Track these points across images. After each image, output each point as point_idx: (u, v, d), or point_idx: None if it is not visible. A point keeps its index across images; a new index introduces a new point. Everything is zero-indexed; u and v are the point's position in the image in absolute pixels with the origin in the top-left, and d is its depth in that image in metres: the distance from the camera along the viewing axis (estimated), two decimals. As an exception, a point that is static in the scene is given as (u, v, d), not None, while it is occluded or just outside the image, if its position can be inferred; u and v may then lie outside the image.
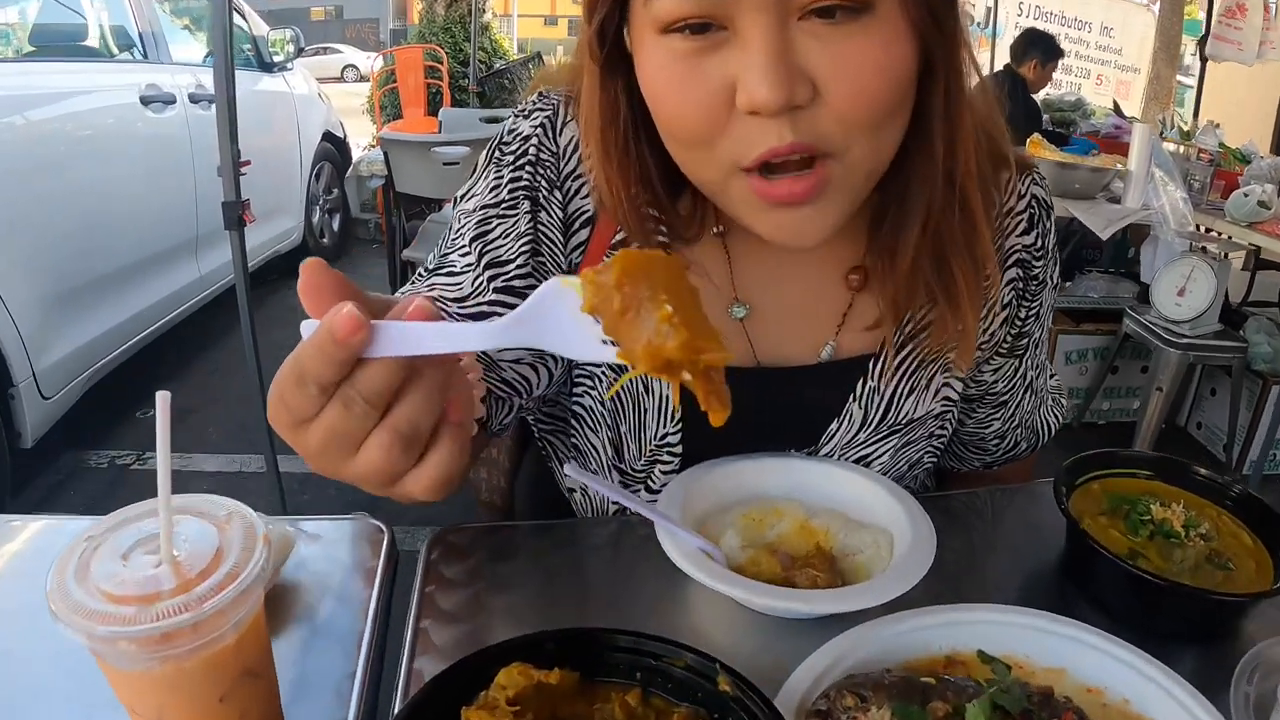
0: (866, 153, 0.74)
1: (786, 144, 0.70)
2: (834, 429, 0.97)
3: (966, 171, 0.81)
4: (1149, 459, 1.01)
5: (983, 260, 0.87)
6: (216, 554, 0.54)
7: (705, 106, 0.71)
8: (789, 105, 0.67)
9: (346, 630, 0.78)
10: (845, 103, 0.69)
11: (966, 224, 0.85)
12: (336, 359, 0.49)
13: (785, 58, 0.67)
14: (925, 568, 0.76)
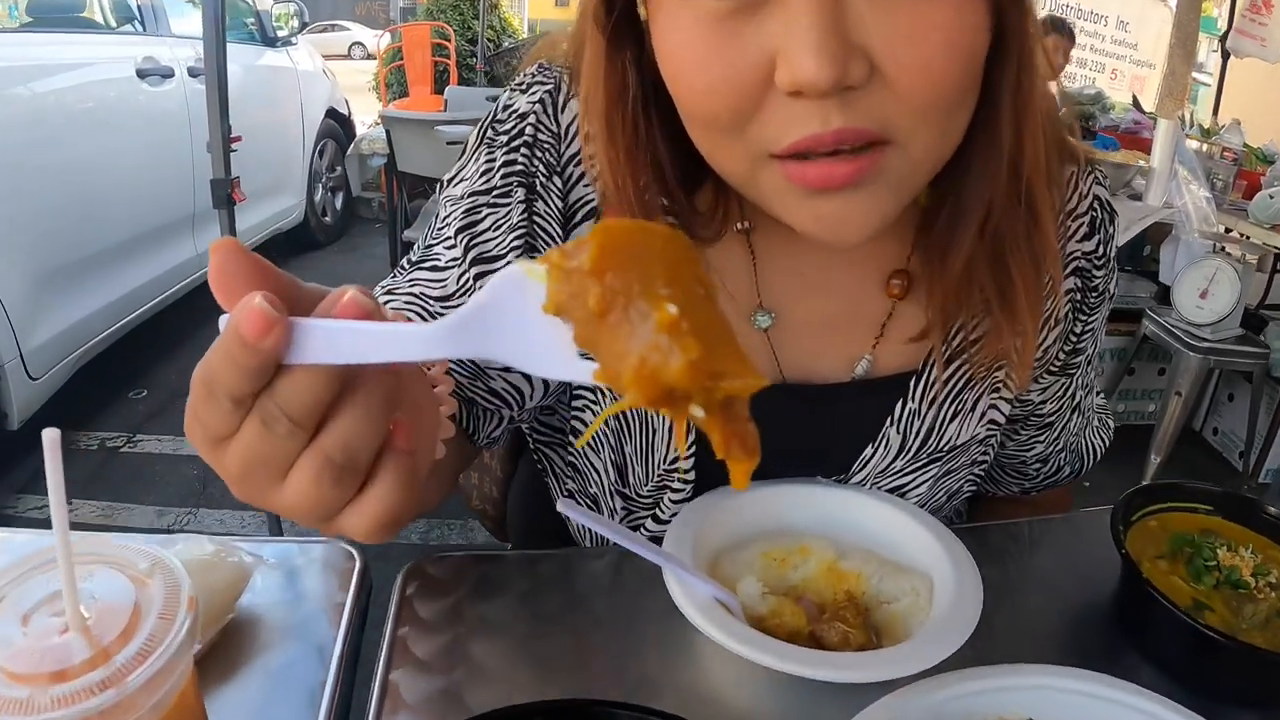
0: (932, 142, 0.62)
1: (832, 130, 0.58)
2: (868, 455, 0.87)
3: (1034, 163, 0.70)
4: (1212, 494, 0.91)
5: (1046, 263, 0.77)
6: (132, 614, 0.44)
7: (737, 84, 0.59)
8: (840, 85, 0.55)
9: (307, 681, 0.68)
10: (909, 82, 0.57)
11: (1030, 222, 0.74)
12: (247, 366, 0.40)
13: (838, 27, 0.55)
14: (971, 626, 0.66)
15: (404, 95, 8.06)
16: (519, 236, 0.79)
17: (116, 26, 4.25)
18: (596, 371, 0.36)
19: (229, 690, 0.66)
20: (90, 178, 3.53)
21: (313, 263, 6.01)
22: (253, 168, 3.86)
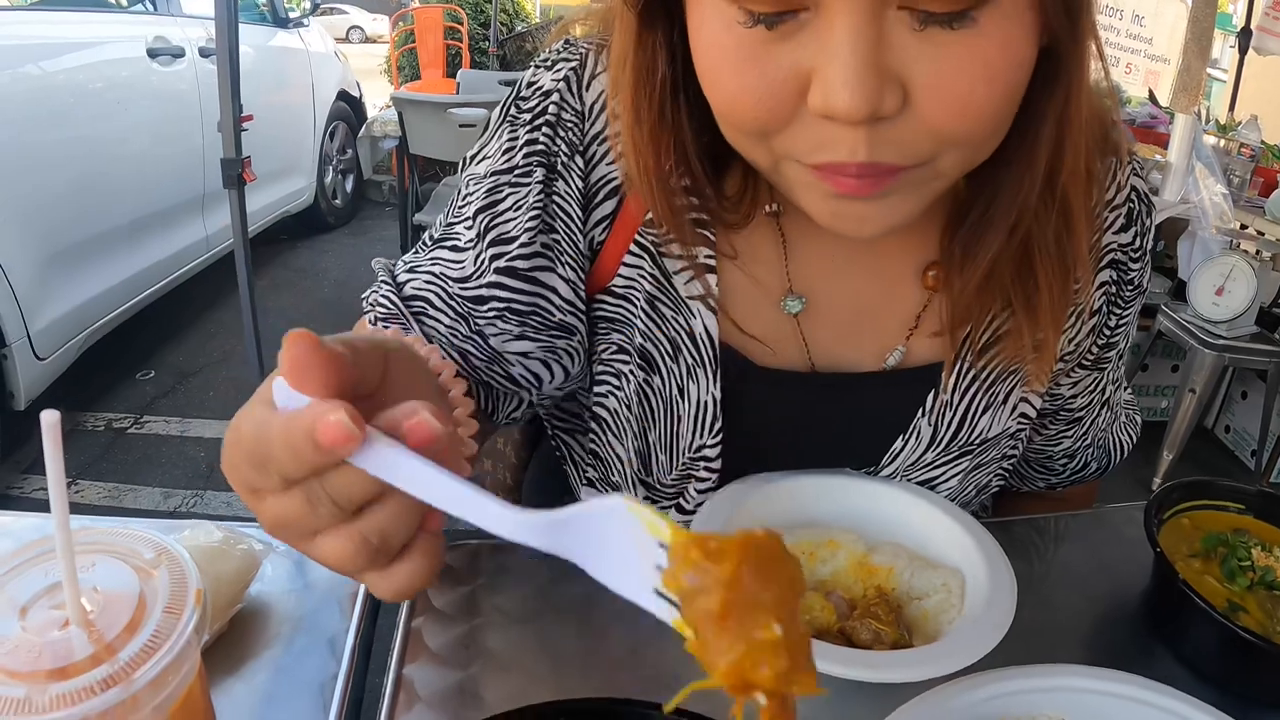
0: (958, 162, 0.60)
1: (857, 161, 0.56)
2: (898, 447, 0.84)
3: (1072, 169, 0.67)
4: (1244, 492, 0.89)
5: (1076, 272, 0.75)
6: (137, 608, 0.42)
7: (770, 97, 0.57)
8: (873, 117, 0.54)
9: (318, 673, 0.65)
10: (944, 118, 0.56)
11: (1062, 227, 0.72)
12: (311, 462, 0.40)
13: (876, 58, 0.53)
14: (1006, 625, 0.64)
15: (416, 78, 8.03)
16: (534, 217, 0.77)
17: (128, 5, 4.23)
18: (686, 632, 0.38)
19: (236, 683, 0.64)
20: (99, 158, 3.52)
21: (322, 245, 5.98)
22: (263, 149, 3.83)
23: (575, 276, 0.79)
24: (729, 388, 0.81)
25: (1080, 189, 0.70)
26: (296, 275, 5.38)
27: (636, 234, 0.79)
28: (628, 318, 0.82)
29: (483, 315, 0.78)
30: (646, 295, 0.80)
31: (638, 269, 0.80)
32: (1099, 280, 0.85)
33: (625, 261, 0.80)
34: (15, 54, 3.15)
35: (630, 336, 0.82)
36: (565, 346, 0.82)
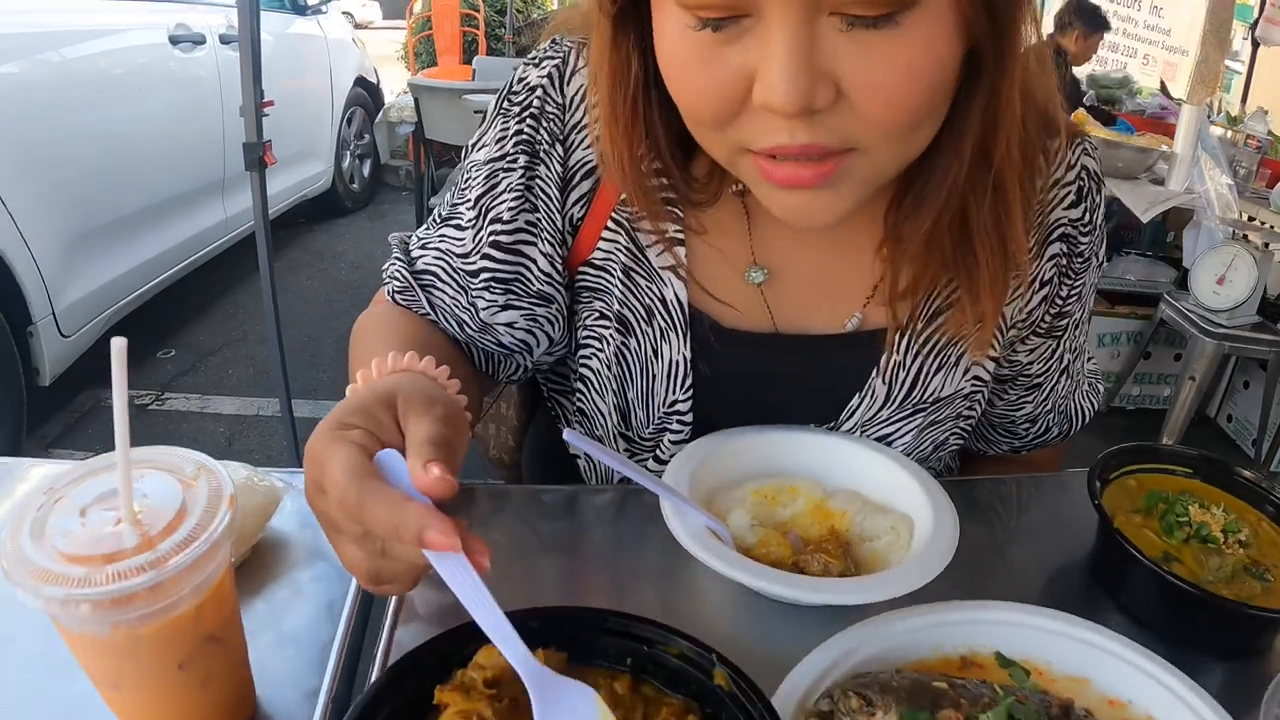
0: (896, 150, 0.68)
1: (798, 144, 0.64)
2: (855, 404, 0.92)
3: (1006, 156, 0.74)
4: (1189, 456, 0.95)
5: (1013, 251, 0.81)
6: (179, 512, 0.51)
7: (719, 94, 0.65)
8: (806, 110, 0.61)
9: (329, 593, 0.74)
10: (872, 109, 0.63)
11: (1000, 210, 0.78)
12: (402, 547, 0.53)
13: (809, 58, 0.60)
14: (945, 560, 0.71)
15: (433, 65, 8.08)
16: (517, 198, 0.88)
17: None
18: None
19: (258, 601, 0.73)
20: (123, 143, 3.59)
21: (339, 229, 6.07)
22: (282, 134, 3.88)
23: (554, 252, 0.90)
24: (698, 349, 0.90)
25: (1015, 175, 0.76)
26: (314, 257, 5.47)
27: (612, 211, 0.88)
28: (607, 286, 0.91)
29: (475, 287, 0.89)
30: (622, 266, 0.89)
31: (614, 243, 0.89)
32: (1049, 253, 0.92)
33: (603, 236, 0.89)
34: (41, 41, 3.21)
35: (609, 304, 0.91)
36: (546, 315, 0.92)
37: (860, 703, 0.56)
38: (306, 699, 0.64)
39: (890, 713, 0.56)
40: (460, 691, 0.53)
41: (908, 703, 0.57)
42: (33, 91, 3.11)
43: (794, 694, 0.60)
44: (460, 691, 0.53)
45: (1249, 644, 0.80)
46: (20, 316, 2.99)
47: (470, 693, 0.52)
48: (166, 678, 0.53)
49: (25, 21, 3.19)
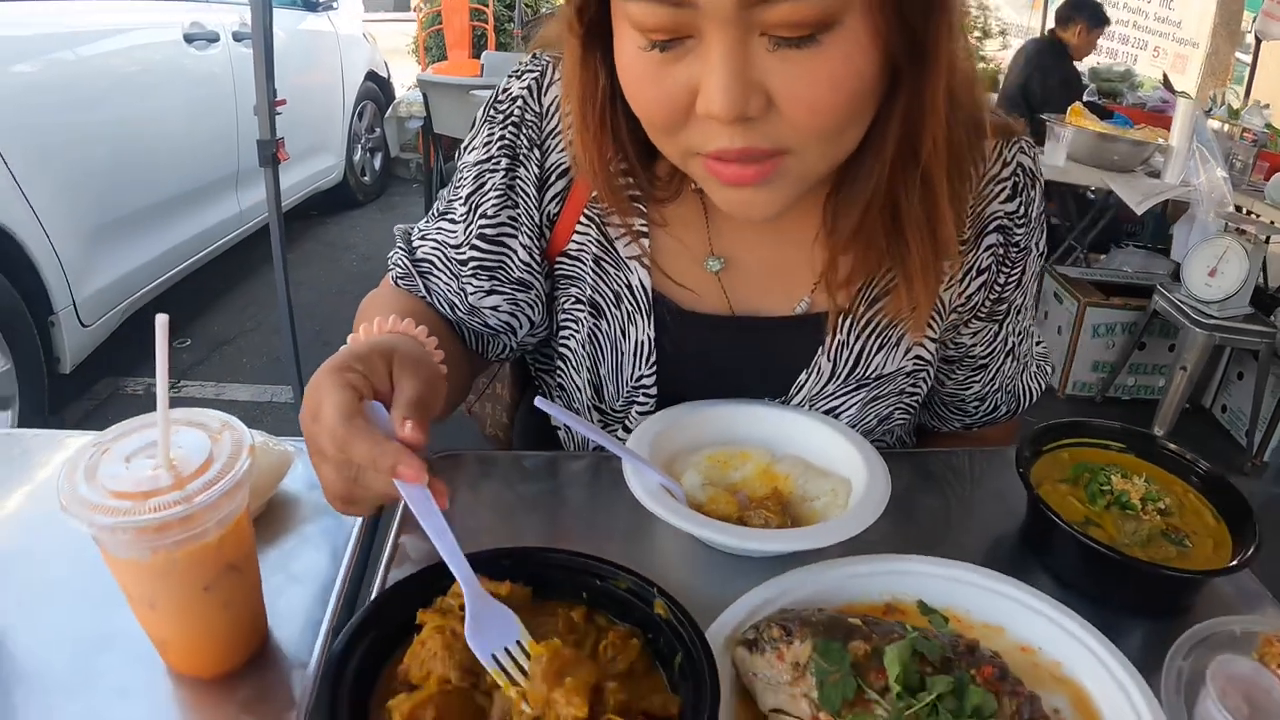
0: (825, 152, 0.77)
1: (736, 147, 0.74)
2: (803, 380, 1.02)
3: (933, 154, 0.82)
4: (1120, 431, 1.02)
5: (943, 240, 0.89)
6: (207, 460, 0.61)
7: (669, 104, 0.75)
8: (741, 117, 0.71)
9: (333, 542, 0.85)
10: (798, 116, 0.72)
11: (929, 203, 0.86)
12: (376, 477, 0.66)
13: (743, 73, 0.70)
14: (873, 518, 0.80)
15: (443, 59, 8.17)
16: (500, 195, 0.99)
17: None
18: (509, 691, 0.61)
19: (272, 549, 0.83)
20: (140, 139, 3.68)
21: (351, 220, 6.16)
22: (294, 129, 3.95)
23: (533, 244, 1.01)
24: (662, 330, 1.00)
25: (943, 171, 0.85)
26: (326, 249, 5.56)
27: (585, 208, 0.99)
28: (580, 274, 1.02)
29: (465, 274, 1.01)
30: (594, 256, 1.00)
31: (586, 235, 1.00)
32: (986, 243, 1.00)
33: (576, 230, 1.00)
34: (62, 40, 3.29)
35: (583, 289, 1.02)
36: (526, 300, 1.03)
37: (780, 632, 0.66)
38: (311, 628, 0.75)
39: (806, 642, 0.64)
40: (438, 614, 0.63)
41: (823, 635, 0.65)
42: (52, 90, 3.19)
43: (726, 625, 0.70)
44: (438, 614, 0.63)
45: (1164, 604, 0.87)
46: (42, 307, 3.08)
47: (446, 615, 0.62)
48: (194, 598, 0.63)
49: (46, 22, 3.28)
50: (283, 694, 0.68)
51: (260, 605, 0.71)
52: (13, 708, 0.66)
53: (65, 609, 0.76)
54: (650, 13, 0.70)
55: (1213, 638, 0.76)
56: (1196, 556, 0.88)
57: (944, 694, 0.61)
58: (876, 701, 0.61)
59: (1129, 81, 6.21)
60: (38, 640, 0.72)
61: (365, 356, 0.71)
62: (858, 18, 0.70)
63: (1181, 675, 0.73)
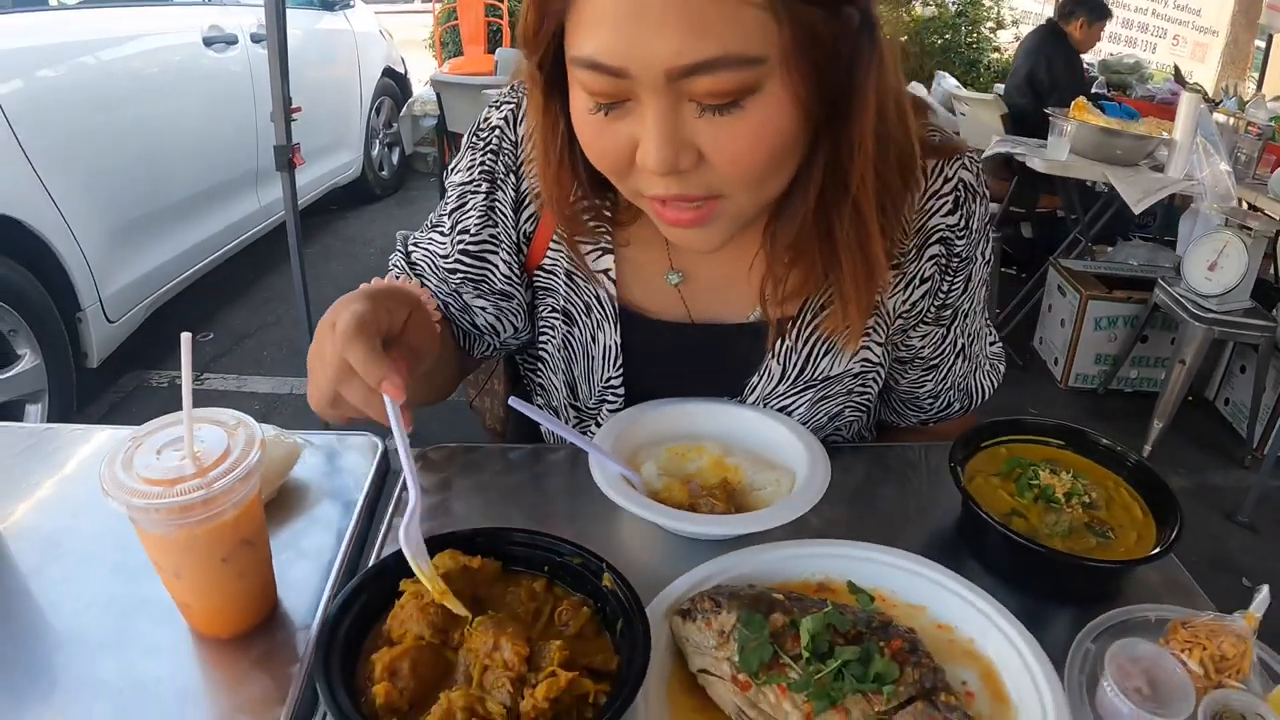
0: (753, 196, 0.87)
1: (673, 194, 0.84)
2: (755, 381, 1.12)
3: (861, 187, 0.91)
4: (1056, 428, 1.08)
5: (874, 264, 0.97)
6: (224, 452, 0.72)
7: (614, 157, 0.85)
8: (673, 171, 0.81)
9: (336, 524, 0.97)
10: (726, 169, 0.82)
11: (860, 230, 0.95)
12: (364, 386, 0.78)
13: (674, 134, 0.79)
14: (806, 507, 0.90)
15: (459, 54, 8.27)
16: (481, 216, 1.10)
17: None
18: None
19: (282, 529, 0.95)
20: (163, 138, 3.80)
21: (370, 215, 6.29)
22: (313, 127, 4.09)
23: (512, 259, 1.12)
24: (627, 336, 1.11)
25: (871, 203, 0.93)
26: (345, 243, 5.69)
27: (556, 229, 1.09)
28: (554, 286, 1.13)
29: (454, 280, 1.12)
30: (565, 270, 1.12)
31: (559, 252, 1.11)
32: (929, 254, 1.09)
33: (550, 247, 1.11)
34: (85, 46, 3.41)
35: (557, 300, 1.13)
36: (508, 308, 1.14)
37: (711, 604, 0.76)
38: (315, 596, 0.87)
39: (732, 613, 0.74)
40: (416, 583, 0.74)
41: (748, 607, 0.75)
42: (76, 95, 3.31)
43: (669, 597, 0.80)
44: (416, 583, 0.74)
45: (1084, 592, 0.93)
46: (70, 304, 3.21)
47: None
48: (213, 568, 0.75)
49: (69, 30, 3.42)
50: (289, 651, 0.80)
51: (271, 576, 0.83)
52: (61, 664, 0.79)
53: (102, 580, 0.88)
54: (595, 80, 0.80)
55: (1129, 623, 0.84)
56: (1117, 548, 0.93)
57: (850, 661, 0.70)
58: (790, 665, 0.71)
59: (1138, 74, 6.22)
60: (81, 606, 0.85)
61: (386, 290, 0.85)
62: (777, 84, 0.79)
63: (1089, 656, 0.80)
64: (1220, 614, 0.82)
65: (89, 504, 0.99)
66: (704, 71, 0.75)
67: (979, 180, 1.09)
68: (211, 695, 0.77)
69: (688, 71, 0.75)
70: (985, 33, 8.32)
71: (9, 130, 2.91)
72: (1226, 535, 3.14)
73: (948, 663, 0.78)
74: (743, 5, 0.75)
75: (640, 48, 0.75)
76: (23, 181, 2.97)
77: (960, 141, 1.10)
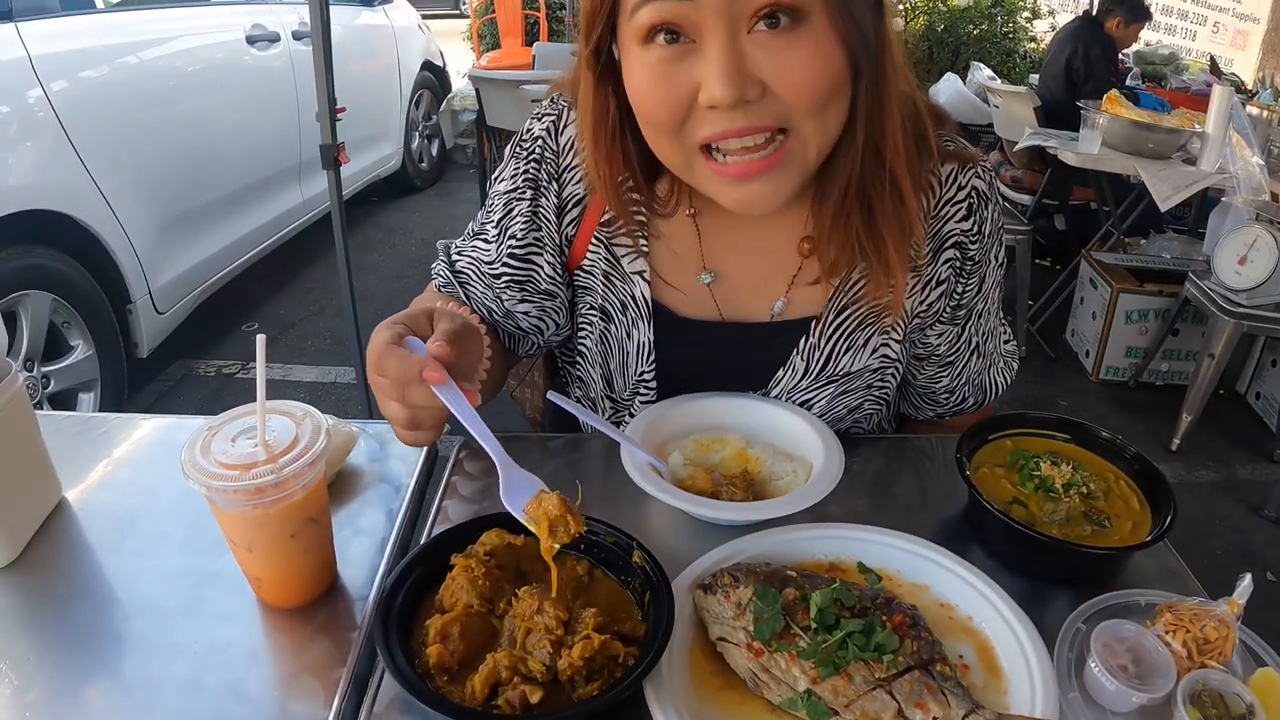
0: (815, 129, 0.93)
1: (737, 128, 0.91)
2: (780, 376, 1.19)
3: (894, 151, 0.99)
4: (1059, 421, 1.13)
5: (910, 226, 1.05)
6: (293, 440, 0.81)
7: (675, 103, 0.92)
8: (741, 101, 0.87)
9: (388, 505, 1.06)
10: (789, 94, 0.89)
11: (895, 195, 1.02)
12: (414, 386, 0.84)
13: (739, 64, 0.87)
14: (816, 499, 0.97)
15: (496, 47, 8.36)
16: (526, 221, 1.18)
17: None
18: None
19: (341, 509, 1.05)
20: (209, 135, 3.92)
21: (411, 206, 6.42)
22: (354, 121, 4.16)
23: (555, 261, 1.19)
24: (660, 333, 1.19)
25: (904, 168, 1.01)
26: (387, 235, 5.81)
27: (594, 231, 1.17)
28: (593, 286, 1.21)
29: (499, 285, 1.20)
30: (603, 271, 1.19)
31: (597, 254, 1.19)
32: (944, 258, 1.16)
33: (589, 250, 1.19)
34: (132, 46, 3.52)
35: (595, 299, 1.21)
36: (551, 307, 1.22)
37: (730, 579, 0.83)
38: (371, 570, 0.96)
39: (749, 587, 0.82)
40: (465, 558, 0.83)
41: (763, 582, 0.83)
42: (125, 95, 3.43)
43: (691, 574, 0.88)
44: (465, 558, 0.83)
45: (1081, 576, 0.97)
46: (120, 297, 3.34)
47: (470, 558, 0.82)
48: (283, 543, 0.83)
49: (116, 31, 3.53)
50: (348, 619, 0.89)
51: (332, 551, 0.92)
52: (142, 630, 0.88)
53: (176, 555, 0.97)
54: (660, 10, 0.88)
55: (1120, 606, 0.89)
56: (1111, 535, 0.98)
57: (854, 632, 0.78)
58: (799, 635, 0.79)
59: (1173, 65, 6.17)
60: (158, 578, 0.94)
61: (409, 314, 0.91)
62: (823, 17, 0.88)
63: (1078, 635, 0.86)
64: (1205, 599, 0.88)
65: (156, 486, 1.09)
66: None
67: (991, 188, 1.16)
68: (278, 658, 0.86)
69: None
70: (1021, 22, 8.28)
71: (60, 129, 3.03)
72: (1253, 529, 3.15)
73: (947, 637, 0.85)
74: None
75: None
76: (75, 178, 3.09)
77: (974, 151, 1.16)
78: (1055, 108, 4.89)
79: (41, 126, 2.98)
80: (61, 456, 1.07)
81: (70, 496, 1.06)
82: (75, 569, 0.96)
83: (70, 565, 0.96)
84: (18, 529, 0.97)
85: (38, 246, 2.95)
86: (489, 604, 0.81)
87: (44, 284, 2.95)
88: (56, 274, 3.01)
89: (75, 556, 0.98)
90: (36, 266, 2.92)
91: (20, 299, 2.88)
